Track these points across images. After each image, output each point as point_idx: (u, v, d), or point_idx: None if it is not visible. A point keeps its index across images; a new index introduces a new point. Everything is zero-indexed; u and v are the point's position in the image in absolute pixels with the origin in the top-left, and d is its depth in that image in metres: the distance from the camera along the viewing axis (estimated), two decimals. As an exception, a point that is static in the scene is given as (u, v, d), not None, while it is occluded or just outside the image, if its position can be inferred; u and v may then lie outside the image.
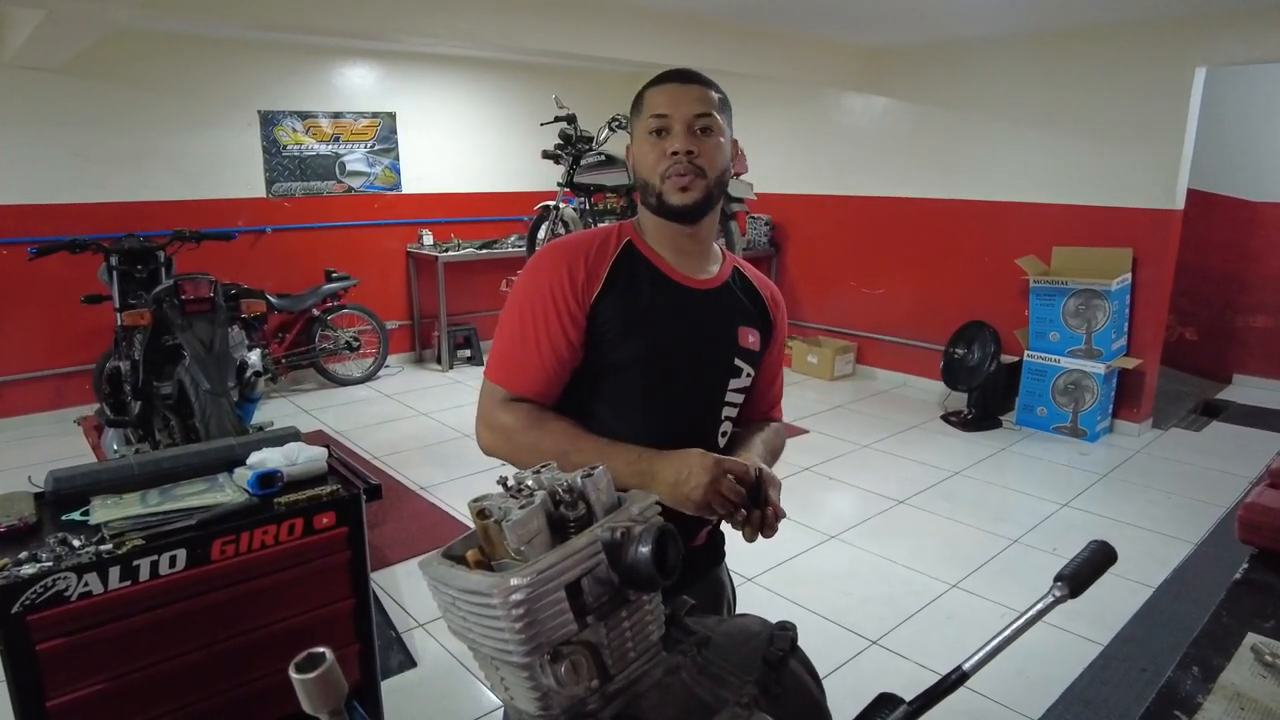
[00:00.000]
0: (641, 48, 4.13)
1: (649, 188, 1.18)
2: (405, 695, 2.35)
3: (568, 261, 1.17)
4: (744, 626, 0.82)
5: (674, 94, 1.16)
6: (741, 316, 1.27)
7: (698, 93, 1.17)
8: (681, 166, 1.14)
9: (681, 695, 0.74)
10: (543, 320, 1.16)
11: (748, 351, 1.26)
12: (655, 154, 1.16)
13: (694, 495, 1.02)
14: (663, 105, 1.16)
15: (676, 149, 1.14)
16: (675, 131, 1.15)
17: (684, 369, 1.21)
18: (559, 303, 1.15)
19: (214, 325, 2.83)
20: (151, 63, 4.92)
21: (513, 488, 0.73)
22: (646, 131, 1.17)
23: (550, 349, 1.16)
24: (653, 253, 1.23)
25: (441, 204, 6.27)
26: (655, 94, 1.18)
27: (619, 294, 1.18)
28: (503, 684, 0.71)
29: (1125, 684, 2.39)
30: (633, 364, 1.19)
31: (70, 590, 1.39)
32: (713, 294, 1.25)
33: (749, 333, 1.27)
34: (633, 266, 1.20)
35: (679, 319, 1.21)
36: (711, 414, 1.24)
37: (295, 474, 1.73)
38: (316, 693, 0.59)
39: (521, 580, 0.63)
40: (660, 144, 1.15)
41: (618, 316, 1.17)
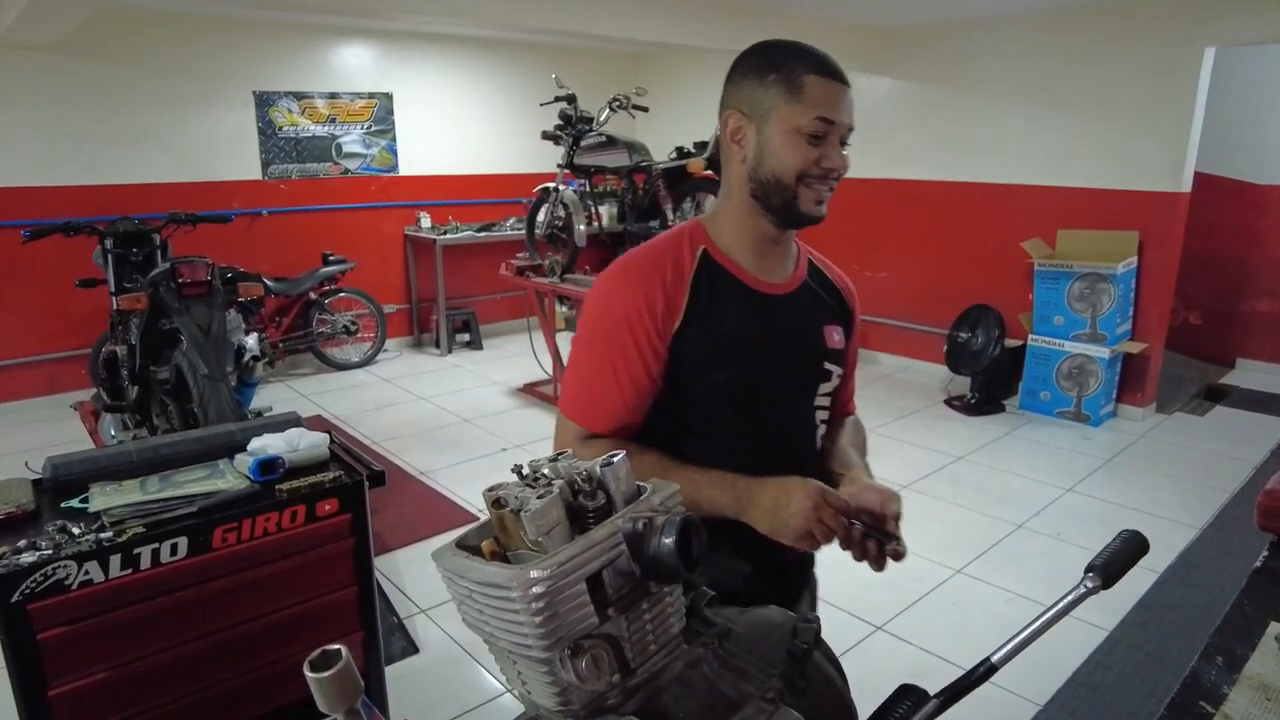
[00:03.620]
0: (643, 26, 4.07)
1: (780, 186, 1.05)
2: (408, 682, 2.34)
3: (644, 289, 1.07)
4: (766, 618, 0.80)
5: (840, 98, 1.04)
6: (825, 315, 1.19)
7: (852, 99, 1.06)
8: (830, 181, 1.05)
9: (703, 689, 0.72)
10: (620, 354, 1.07)
11: (835, 352, 1.19)
12: (803, 157, 1.03)
13: (793, 522, 0.96)
14: (829, 108, 1.02)
15: (835, 167, 1.04)
16: (833, 143, 1.04)
17: (775, 384, 1.14)
18: (638, 336, 1.06)
19: (211, 309, 2.79)
20: (145, 42, 4.84)
21: (529, 476, 0.70)
22: (797, 129, 1.02)
23: (630, 384, 1.08)
24: (731, 261, 1.12)
25: (439, 186, 6.21)
26: (821, 88, 1.03)
27: (702, 321, 1.08)
28: (520, 678, 0.69)
29: (1132, 669, 2.39)
30: (722, 390, 1.11)
31: (71, 579, 1.37)
32: (795, 297, 1.17)
33: (834, 331, 1.19)
34: (713, 283, 1.10)
35: (766, 334, 1.12)
36: (806, 424, 1.18)
37: (297, 460, 1.70)
38: (332, 691, 0.56)
39: (542, 572, 0.60)
40: (814, 150, 1.03)
41: (703, 345, 1.08)
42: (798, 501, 0.95)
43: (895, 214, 5.49)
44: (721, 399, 1.11)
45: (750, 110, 1.06)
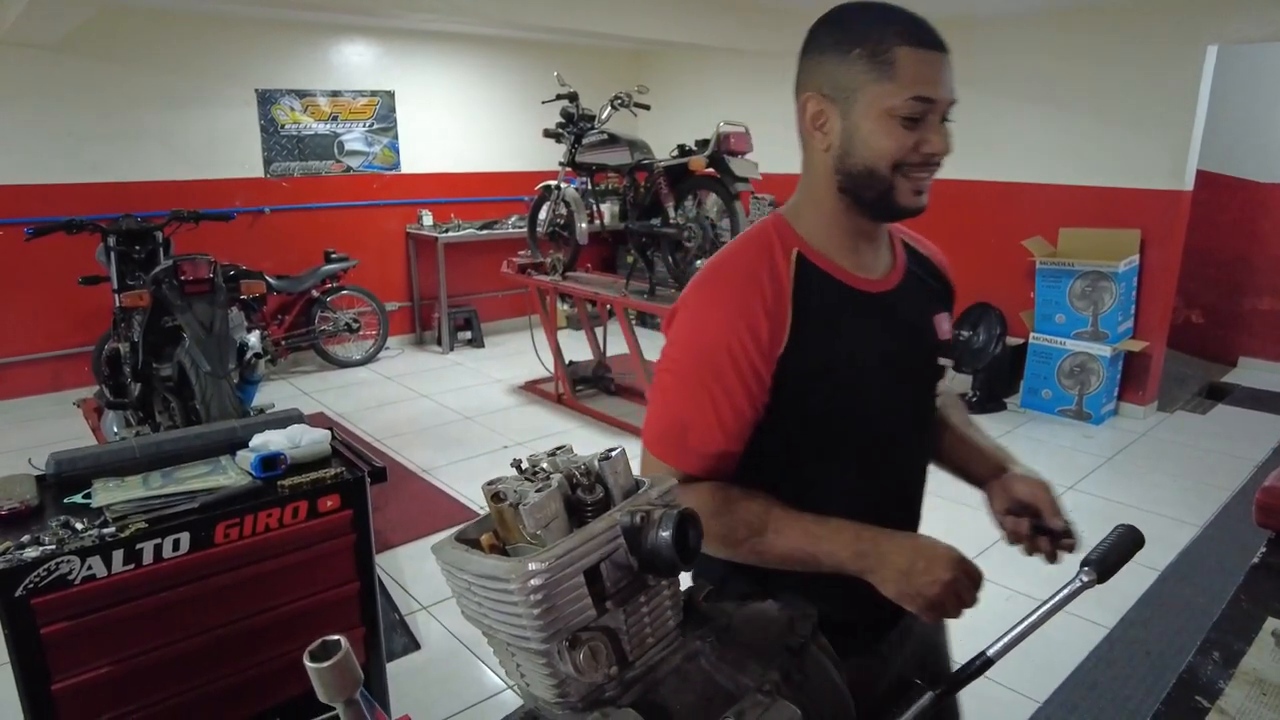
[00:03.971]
0: (644, 23, 4.07)
1: (875, 177, 0.91)
2: (409, 678, 2.35)
3: (744, 311, 0.93)
4: (763, 612, 0.81)
5: (938, 70, 0.89)
6: (932, 303, 1.08)
7: (951, 67, 0.91)
8: (930, 170, 0.92)
9: (701, 682, 0.72)
10: (720, 387, 0.93)
11: (945, 343, 1.08)
12: (899, 143, 0.89)
13: (928, 591, 0.83)
14: (927, 85, 0.88)
15: (937, 152, 0.90)
16: (932, 124, 0.90)
17: (893, 391, 1.01)
18: (740, 365, 0.92)
19: (213, 306, 2.80)
20: (147, 40, 4.85)
21: (528, 470, 0.71)
22: (890, 111, 0.88)
23: (732, 418, 0.94)
24: (828, 261, 0.99)
25: (441, 184, 6.21)
26: (915, 61, 0.88)
27: (810, 336, 0.95)
28: (518, 670, 0.69)
29: (1131, 667, 2.39)
30: (835, 406, 0.98)
31: (74, 574, 1.38)
32: (901, 291, 1.03)
33: (943, 319, 1.08)
34: (815, 292, 0.96)
35: (878, 338, 1.00)
36: (925, 428, 1.10)
37: (299, 456, 1.71)
38: (332, 681, 0.57)
39: (540, 565, 0.61)
40: (911, 134, 0.89)
41: (813, 362, 0.95)
42: (939, 570, 0.84)
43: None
44: (834, 415, 0.98)
45: (832, 91, 0.91)
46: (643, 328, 6.38)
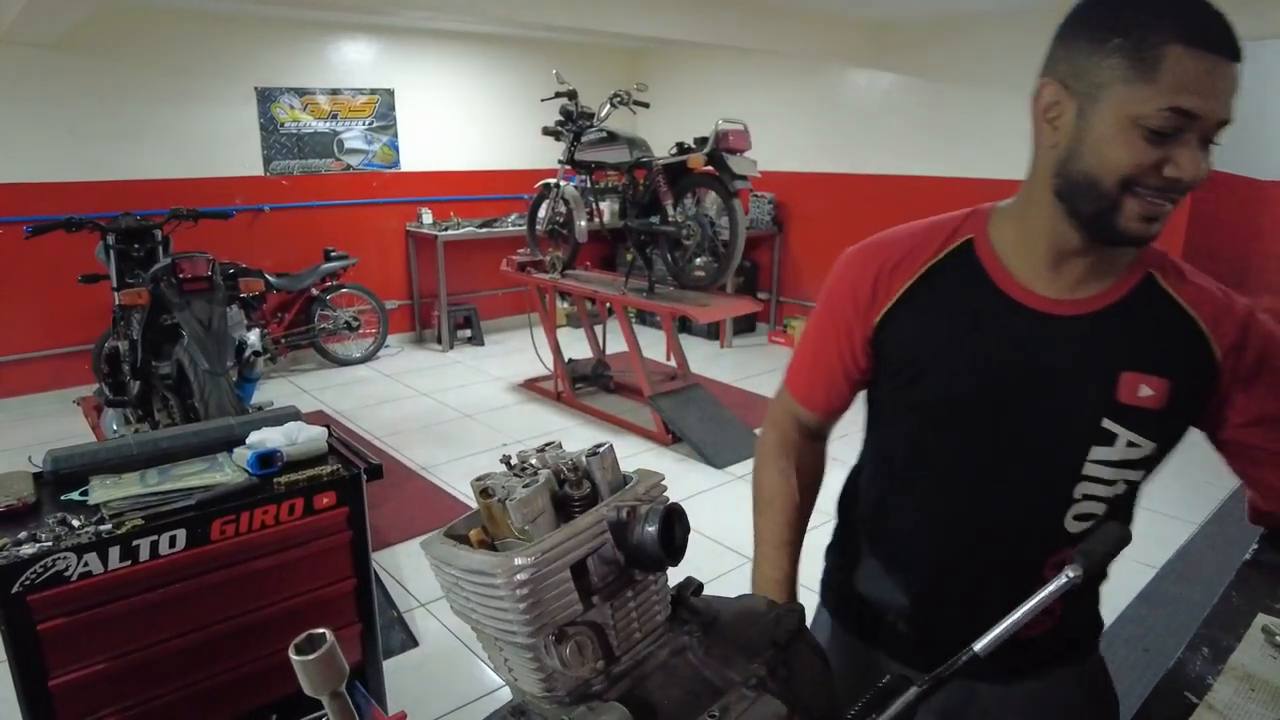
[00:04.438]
0: (644, 21, 4.07)
1: (1095, 192, 0.79)
2: (407, 675, 2.35)
3: (859, 269, 0.96)
4: (750, 607, 0.81)
5: (1215, 79, 0.73)
6: (1130, 357, 0.87)
7: (1237, 77, 0.74)
8: (1167, 195, 0.78)
9: (688, 676, 0.73)
10: (826, 329, 0.99)
11: (1136, 411, 0.87)
12: (1137, 158, 0.76)
13: None
14: (1193, 95, 0.73)
15: (1182, 179, 0.76)
16: (1188, 143, 0.75)
17: (1005, 423, 0.90)
18: (838, 317, 0.97)
19: (212, 304, 2.81)
20: (146, 38, 4.86)
21: (516, 466, 0.71)
22: (1136, 118, 0.75)
23: (829, 363, 0.99)
24: (995, 259, 0.91)
25: (441, 182, 6.22)
26: (1187, 64, 0.73)
27: (915, 314, 0.92)
28: (506, 665, 0.70)
29: (1128, 664, 2.39)
30: (927, 407, 0.94)
31: (70, 570, 1.39)
32: (1076, 321, 0.88)
33: (1144, 382, 0.86)
34: (957, 275, 0.91)
35: (1001, 353, 0.89)
36: (1053, 491, 0.91)
37: (295, 454, 1.72)
38: (317, 674, 0.57)
39: (526, 560, 0.61)
40: (1155, 150, 0.75)
41: (908, 344, 0.92)
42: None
43: (897, 210, 5.46)
44: (926, 417, 0.94)
45: (1075, 83, 0.79)
46: (642, 325, 6.39)
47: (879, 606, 1.07)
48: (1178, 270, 0.90)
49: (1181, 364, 0.87)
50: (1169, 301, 0.88)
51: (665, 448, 4.14)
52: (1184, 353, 0.87)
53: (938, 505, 0.98)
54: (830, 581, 1.16)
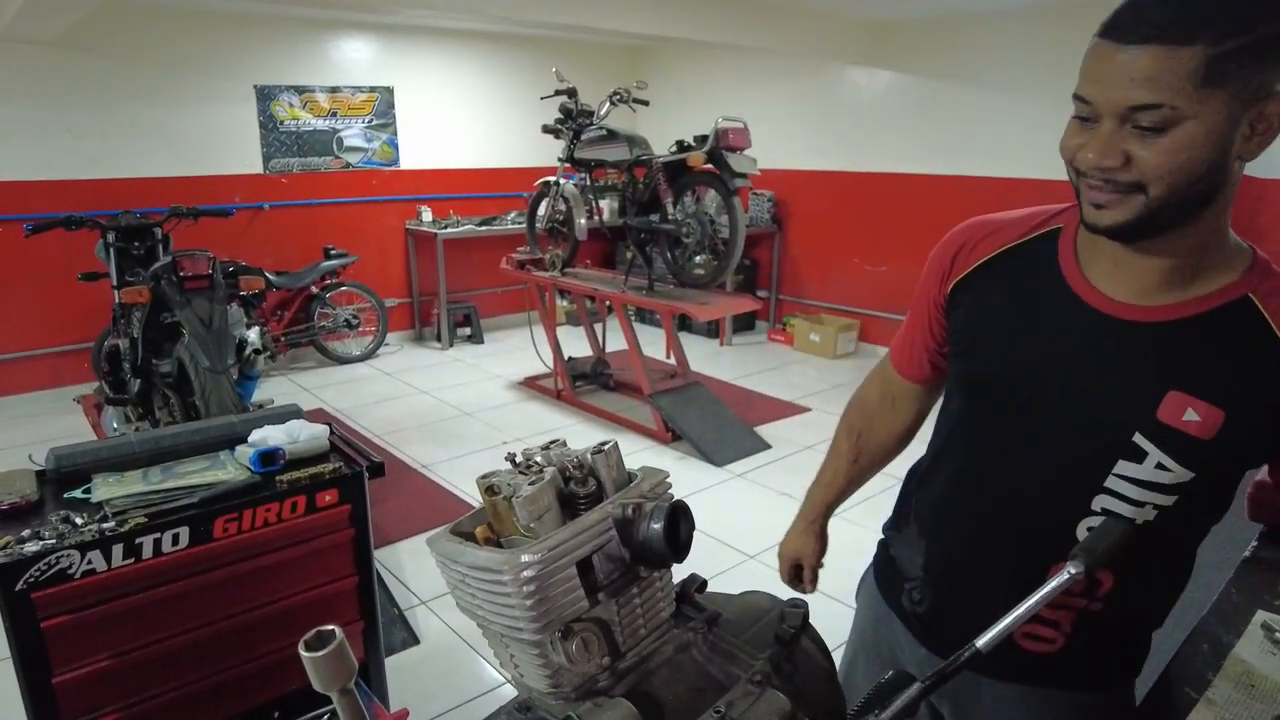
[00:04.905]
0: (642, 19, 4.07)
1: (1071, 177, 0.84)
2: (408, 672, 2.36)
3: (951, 239, 1.00)
4: (754, 604, 0.82)
5: (1104, 63, 0.75)
6: (1186, 378, 0.82)
7: (1148, 64, 0.72)
8: (1098, 180, 0.79)
9: (692, 672, 0.73)
10: (918, 298, 1.05)
11: (1176, 434, 0.82)
12: (1067, 143, 0.81)
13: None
14: (1086, 82, 0.77)
15: (1079, 161, 0.79)
16: (1098, 131, 0.77)
17: (1037, 413, 0.90)
18: (926, 284, 1.02)
19: (213, 302, 2.81)
20: (145, 36, 4.85)
21: (521, 464, 0.72)
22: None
23: (919, 331, 1.05)
24: (1072, 252, 0.90)
25: (440, 180, 6.21)
26: (1093, 52, 0.77)
27: (983, 289, 0.94)
28: (512, 661, 0.70)
29: (1126, 660, 2.40)
30: (972, 383, 0.97)
31: (74, 568, 1.39)
32: (1135, 328, 0.84)
33: (1194, 406, 0.81)
34: (1032, 261, 0.91)
35: (1049, 343, 0.88)
36: (1070, 495, 0.89)
37: (297, 451, 1.72)
38: (326, 670, 0.58)
39: (533, 556, 0.62)
40: (1080, 136, 0.80)
41: (970, 317, 0.95)
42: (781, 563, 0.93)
43: (896, 208, 5.49)
44: (965, 393, 0.98)
45: None
46: (641, 323, 6.39)
47: (902, 570, 1.11)
48: None
49: (1248, 399, 0.80)
50: (1261, 329, 0.81)
51: (665, 446, 4.14)
52: (1255, 388, 0.80)
53: (960, 483, 1.01)
54: (884, 535, 1.21)
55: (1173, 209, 0.77)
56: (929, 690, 0.75)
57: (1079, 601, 0.93)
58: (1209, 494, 0.88)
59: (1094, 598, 0.93)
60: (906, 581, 1.09)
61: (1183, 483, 0.84)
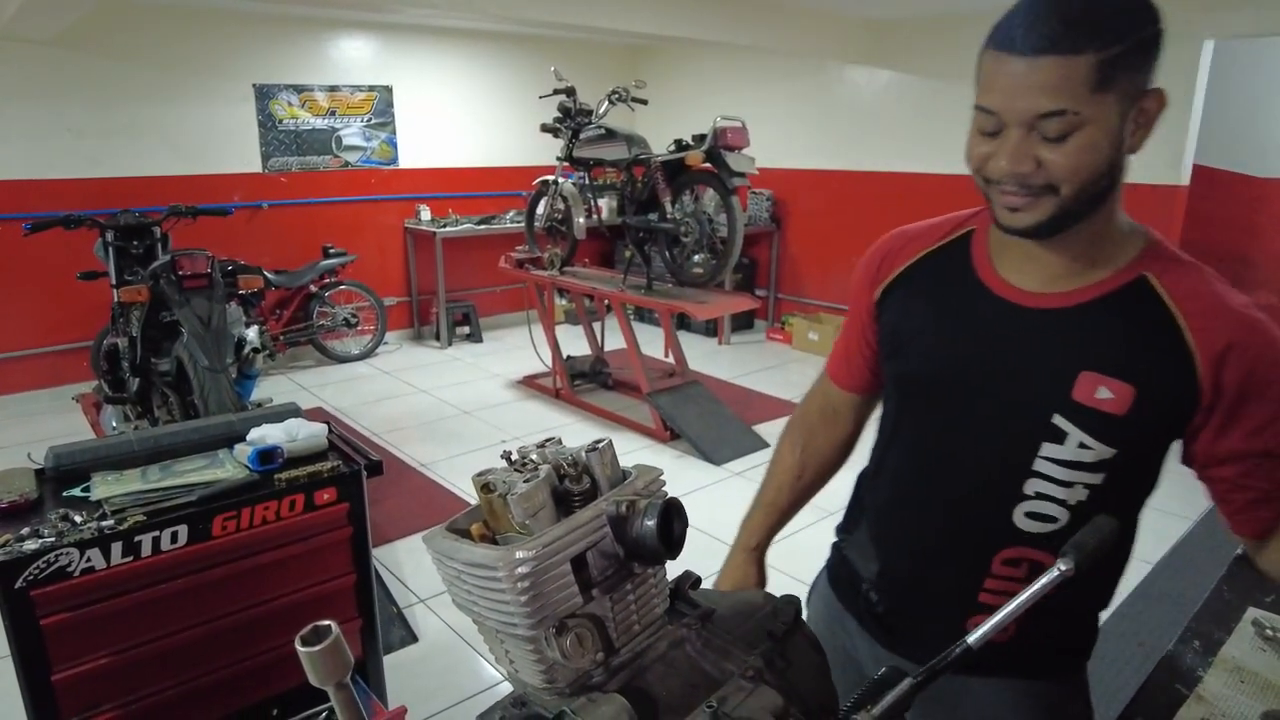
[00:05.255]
0: (641, 18, 4.07)
1: (979, 184, 0.87)
2: (407, 670, 2.37)
3: (876, 250, 1.05)
4: (748, 600, 0.82)
5: (1007, 75, 0.78)
6: (1095, 357, 0.86)
7: (1048, 74, 0.76)
8: (1012, 186, 0.82)
9: (686, 668, 0.74)
10: (852, 310, 1.09)
11: (1091, 412, 0.86)
12: (974, 153, 0.84)
13: None
14: (988, 94, 0.80)
15: (990, 171, 0.83)
16: (1006, 139, 0.80)
17: (961, 406, 0.93)
18: (859, 297, 1.06)
19: (211, 301, 2.81)
20: (145, 35, 4.85)
21: (517, 462, 0.72)
22: (974, 117, 0.84)
23: (854, 341, 1.09)
24: (985, 251, 0.95)
25: (439, 179, 6.22)
26: (990, 65, 0.80)
27: (904, 295, 0.99)
28: (507, 657, 0.71)
29: (1123, 659, 2.41)
30: (900, 383, 1.01)
31: (73, 566, 1.40)
32: (1043, 315, 0.89)
33: (1105, 384, 0.85)
34: (949, 262, 0.97)
35: (968, 338, 0.93)
36: (1003, 483, 0.91)
37: (295, 450, 1.73)
38: (323, 665, 0.58)
39: (527, 553, 0.62)
40: (987, 145, 0.83)
41: (893, 322, 1.00)
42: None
43: (895, 207, 5.49)
44: (896, 394, 1.03)
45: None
46: (640, 323, 6.39)
47: (857, 571, 1.12)
48: (1181, 273, 0.88)
49: (1154, 373, 0.84)
50: (1157, 306, 0.86)
51: (664, 444, 4.15)
52: (1159, 362, 0.85)
53: (903, 480, 1.04)
54: (837, 539, 1.22)
55: (1082, 205, 0.83)
56: (921, 686, 0.75)
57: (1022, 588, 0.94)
58: (1135, 470, 0.90)
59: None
60: (862, 583, 1.09)
61: (1106, 459, 0.87)
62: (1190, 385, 0.84)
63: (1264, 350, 0.82)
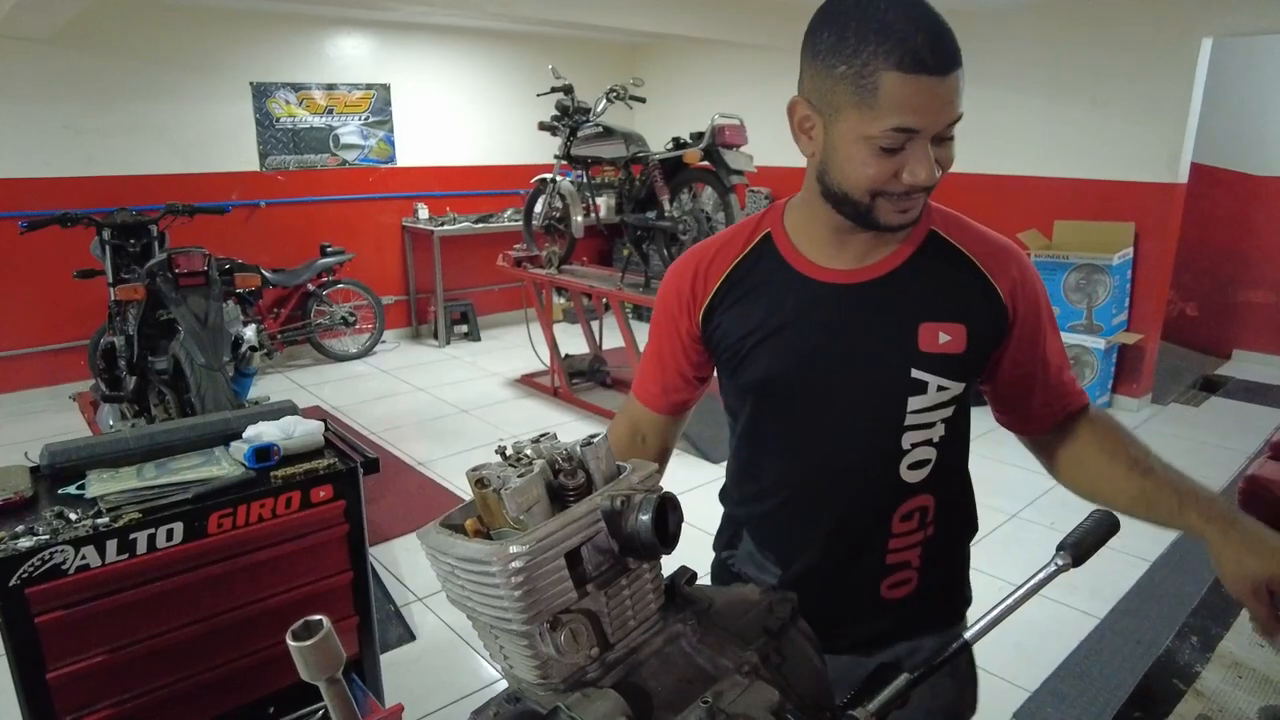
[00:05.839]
0: (639, 16, 4.07)
1: (850, 201, 0.88)
2: (404, 668, 2.36)
3: (679, 273, 1.05)
4: (744, 595, 0.82)
5: (929, 94, 0.80)
6: (924, 309, 0.94)
7: (955, 87, 0.81)
8: (918, 194, 0.87)
9: (681, 664, 0.73)
10: (662, 335, 1.08)
11: (939, 357, 0.94)
12: (877, 172, 0.84)
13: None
14: (912, 114, 0.81)
15: (918, 184, 0.84)
16: (917, 154, 0.83)
17: (825, 391, 0.97)
18: (671, 319, 1.06)
19: (208, 299, 2.81)
20: (141, 33, 4.84)
21: (511, 457, 0.72)
22: (866, 136, 0.83)
23: (669, 365, 1.08)
24: (790, 245, 0.99)
25: (437, 177, 6.21)
26: (901, 87, 0.80)
27: (731, 305, 1.00)
28: (502, 653, 0.70)
29: (1121, 657, 2.41)
30: (755, 390, 1.01)
31: (68, 563, 1.39)
32: (869, 287, 0.96)
33: (941, 329, 0.94)
34: (760, 266, 1.00)
35: (810, 328, 0.96)
36: (884, 446, 0.97)
37: (292, 447, 1.72)
38: (314, 660, 0.58)
39: (521, 548, 0.62)
40: (892, 161, 0.83)
41: (731, 333, 1.00)
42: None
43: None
44: (759, 401, 1.02)
45: (818, 102, 0.86)
46: (638, 321, 6.39)
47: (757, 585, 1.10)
48: (959, 223, 0.99)
49: (974, 309, 0.95)
50: (954, 252, 0.96)
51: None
52: (974, 298, 0.95)
53: (786, 479, 1.04)
54: (717, 566, 1.20)
55: None
56: (917, 682, 0.75)
57: (918, 535, 1.01)
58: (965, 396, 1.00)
59: (927, 524, 1.01)
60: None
61: (957, 395, 0.97)
62: (1000, 314, 0.96)
63: (1032, 278, 0.98)
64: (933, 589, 1.05)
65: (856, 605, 1.03)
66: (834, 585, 1.04)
